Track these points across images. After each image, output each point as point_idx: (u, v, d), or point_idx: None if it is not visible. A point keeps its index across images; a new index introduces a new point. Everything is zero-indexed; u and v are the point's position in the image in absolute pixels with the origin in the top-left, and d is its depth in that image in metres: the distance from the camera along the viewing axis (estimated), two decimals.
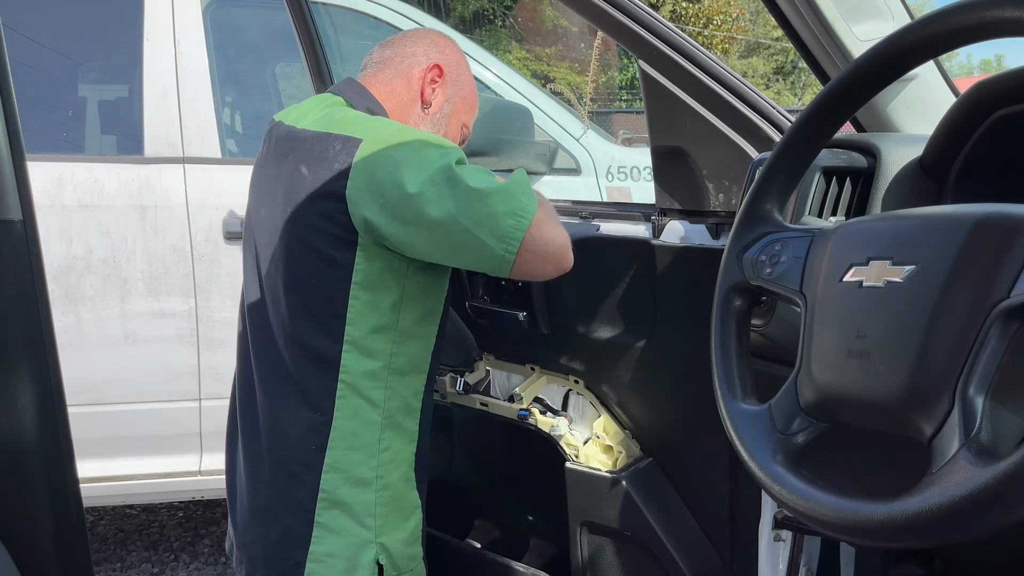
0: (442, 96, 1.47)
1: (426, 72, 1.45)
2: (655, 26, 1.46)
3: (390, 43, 1.50)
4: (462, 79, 1.50)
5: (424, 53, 1.47)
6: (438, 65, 1.46)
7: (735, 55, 19.38)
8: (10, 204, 0.87)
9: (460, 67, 1.50)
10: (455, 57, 1.49)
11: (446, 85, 1.47)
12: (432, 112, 1.46)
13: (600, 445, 1.47)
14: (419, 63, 1.46)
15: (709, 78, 1.44)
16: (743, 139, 1.43)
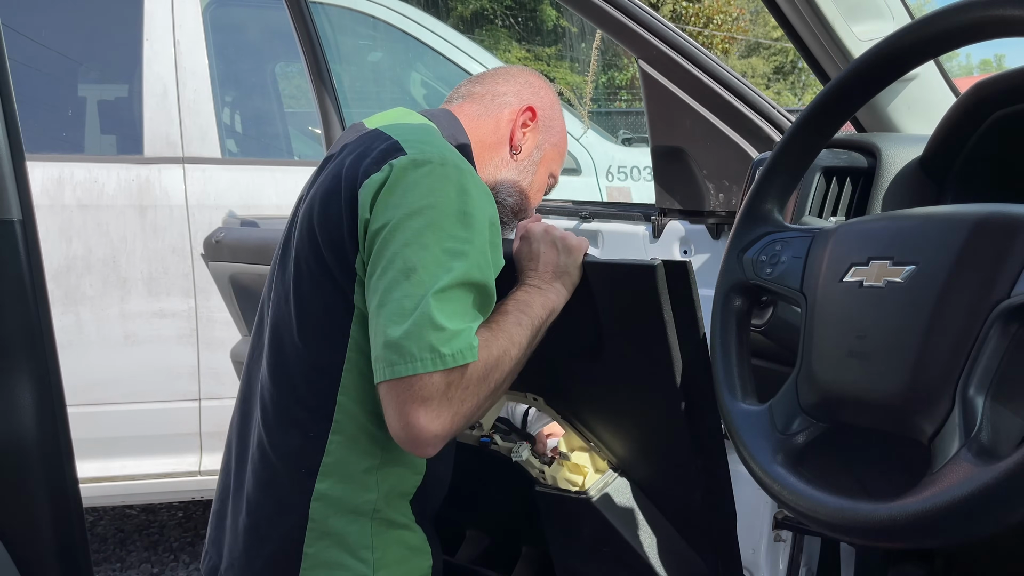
0: (532, 142, 1.35)
1: (519, 115, 1.33)
2: (655, 26, 1.46)
3: (480, 79, 1.39)
4: (554, 125, 1.39)
5: (517, 94, 1.36)
6: (531, 108, 1.34)
7: (735, 55, 19.37)
8: (10, 204, 0.87)
9: (554, 112, 1.39)
10: (549, 101, 1.38)
11: (538, 131, 1.35)
12: (521, 159, 1.35)
13: (567, 464, 1.41)
14: (510, 104, 1.34)
15: (709, 78, 1.44)
16: (743, 139, 1.43)
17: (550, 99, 1.38)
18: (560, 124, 1.39)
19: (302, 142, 3.31)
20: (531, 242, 1.18)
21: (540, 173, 1.37)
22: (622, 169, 3.46)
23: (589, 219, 1.70)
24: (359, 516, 1.11)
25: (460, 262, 1.01)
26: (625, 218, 1.65)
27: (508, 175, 1.32)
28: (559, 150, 1.39)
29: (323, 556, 1.11)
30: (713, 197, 1.48)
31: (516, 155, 1.33)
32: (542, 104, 1.36)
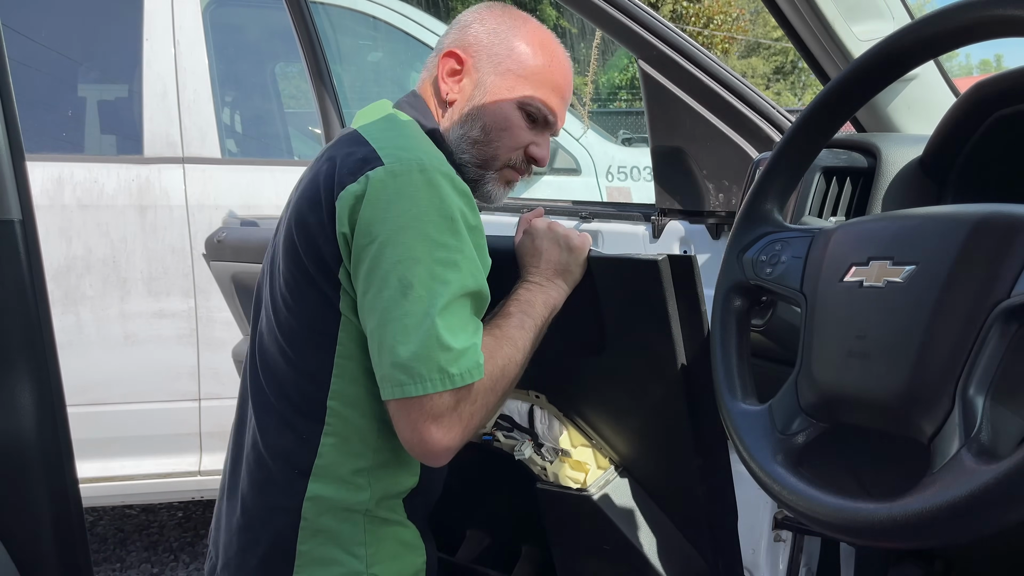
0: (469, 85, 1.18)
1: (439, 67, 1.20)
2: (655, 26, 1.46)
3: None
4: (497, 51, 1.18)
5: (440, 48, 1.22)
6: (451, 52, 1.18)
7: (735, 55, 19.38)
8: (10, 204, 0.87)
9: (493, 39, 1.18)
10: (488, 28, 1.19)
11: (472, 71, 1.18)
12: (457, 108, 1.19)
13: (569, 461, 1.41)
14: (435, 58, 1.22)
15: (709, 78, 1.44)
16: (743, 139, 1.43)
17: (488, 26, 1.19)
18: (508, 46, 1.18)
19: (302, 142, 3.31)
20: (534, 238, 1.18)
21: (496, 111, 1.17)
22: (622, 169, 3.47)
23: (589, 219, 1.70)
24: (352, 514, 1.11)
25: (454, 273, 1.01)
26: (625, 218, 1.65)
27: (454, 130, 1.19)
28: (519, 72, 1.17)
29: (316, 553, 1.11)
30: (713, 197, 1.48)
31: (448, 110, 1.19)
32: (473, 39, 1.19)
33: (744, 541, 1.49)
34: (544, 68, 1.18)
